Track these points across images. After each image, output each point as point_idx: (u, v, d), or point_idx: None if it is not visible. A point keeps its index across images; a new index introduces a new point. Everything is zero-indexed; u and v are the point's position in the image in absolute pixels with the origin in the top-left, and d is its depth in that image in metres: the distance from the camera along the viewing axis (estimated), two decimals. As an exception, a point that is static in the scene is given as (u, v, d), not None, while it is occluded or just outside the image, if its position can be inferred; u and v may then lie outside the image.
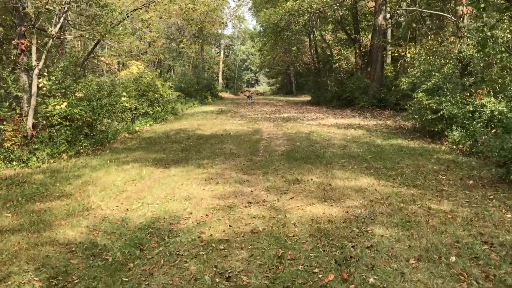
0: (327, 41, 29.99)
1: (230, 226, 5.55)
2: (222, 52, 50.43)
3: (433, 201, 6.40)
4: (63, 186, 8.43)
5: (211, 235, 5.28)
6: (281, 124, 17.14)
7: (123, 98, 18.91)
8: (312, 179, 7.97)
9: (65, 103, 13.44)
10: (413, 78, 13.31)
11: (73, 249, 5.20)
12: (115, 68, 31.51)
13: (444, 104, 11.54)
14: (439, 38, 14.29)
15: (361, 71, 23.89)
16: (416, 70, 13.24)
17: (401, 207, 6.08)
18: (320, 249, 4.69)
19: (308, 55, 32.91)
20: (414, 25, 21.28)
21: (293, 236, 5.12)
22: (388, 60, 25.19)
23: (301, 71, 37.28)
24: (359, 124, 16.68)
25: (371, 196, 6.72)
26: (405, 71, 20.30)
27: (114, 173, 9.35)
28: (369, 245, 4.70)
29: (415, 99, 12.44)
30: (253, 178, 8.31)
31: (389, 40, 24.23)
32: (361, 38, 23.84)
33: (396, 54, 23.41)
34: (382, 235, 5.00)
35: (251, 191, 7.33)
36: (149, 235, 5.48)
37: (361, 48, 23.82)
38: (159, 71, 29.66)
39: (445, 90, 11.89)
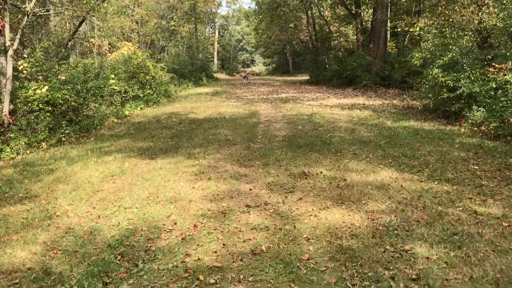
0: (325, 18, 28.29)
1: (223, 244, 4.19)
2: (217, 32, 48.52)
3: (475, 201, 5.06)
4: (31, 184, 7.06)
5: (198, 259, 3.92)
6: (280, 106, 15.72)
7: (111, 81, 17.45)
8: (321, 172, 6.61)
9: (46, 87, 11.99)
10: (426, 53, 11.84)
11: (17, 280, 3.86)
12: (105, 49, 29.91)
13: (462, 81, 10.14)
14: (456, 8, 12.77)
15: (363, 47, 22.36)
16: (430, 44, 11.75)
17: (439, 212, 4.74)
18: (348, 282, 3.36)
19: (306, 33, 31.25)
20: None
21: (308, 259, 3.77)
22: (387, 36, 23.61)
23: (299, 50, 35.58)
24: (364, 104, 15.28)
25: (397, 195, 5.37)
26: (414, 45, 18.78)
27: (93, 167, 7.97)
28: (414, 276, 3.36)
29: (430, 76, 11.01)
30: (252, 171, 6.94)
31: (390, 15, 22.60)
32: (362, 12, 22.25)
33: (399, 29, 21.88)
34: (428, 257, 3.67)
35: (250, 189, 5.98)
36: (119, 258, 4.13)
37: (362, 24, 22.23)
38: (150, 51, 28.05)
39: (464, 65, 10.46)
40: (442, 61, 10.92)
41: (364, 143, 8.69)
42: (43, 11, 14.60)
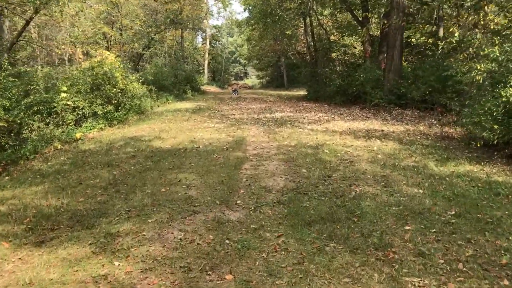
0: (325, 27, 24.62)
1: None
2: (207, 42, 44.77)
3: None
4: None
5: None
6: (274, 131, 11.88)
7: (62, 95, 13.57)
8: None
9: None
10: (492, 65, 8.01)
11: None
12: (78, 58, 25.99)
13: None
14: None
15: (371, 60, 18.65)
16: (494, 54, 7.90)
17: None
18: None
19: (303, 43, 27.56)
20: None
21: None
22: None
23: (295, 62, 31.75)
24: (382, 130, 11.48)
25: None
26: (444, 57, 15.06)
27: None
28: None
29: (502, 98, 7.20)
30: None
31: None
32: (371, 19, 18.61)
33: (413, 40, 18.25)
34: None
35: None
36: None
37: (370, 32, 18.58)
38: (127, 61, 24.17)
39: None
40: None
41: (420, 216, 4.86)
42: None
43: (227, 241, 4.24)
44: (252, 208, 5.33)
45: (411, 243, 4.08)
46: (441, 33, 17.40)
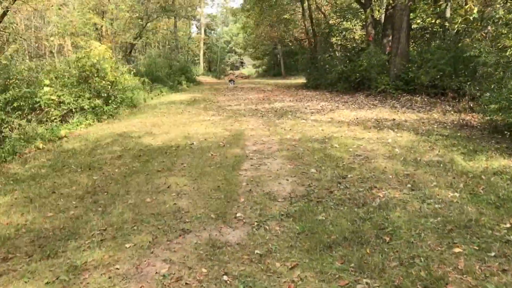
0: (323, 11, 23.37)
1: None
2: (202, 32, 43.35)
3: None
4: None
5: None
6: (275, 122, 10.81)
7: (45, 89, 12.44)
8: None
9: None
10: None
11: None
12: (68, 50, 24.86)
13: None
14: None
15: (374, 44, 17.50)
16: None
17: None
18: None
19: (301, 29, 26.33)
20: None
21: None
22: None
23: (293, 48, 30.46)
24: (394, 119, 10.42)
25: None
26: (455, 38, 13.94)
27: None
28: None
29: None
30: None
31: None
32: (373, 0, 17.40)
33: (419, 22, 17.11)
34: None
35: None
36: None
37: (373, 14, 17.40)
38: (119, 53, 22.94)
39: None
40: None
41: (467, 231, 3.83)
42: None
43: (225, 277, 3.19)
44: (255, 223, 4.27)
45: (470, 276, 3.04)
46: (448, 14, 16.27)
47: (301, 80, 26.07)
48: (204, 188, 5.52)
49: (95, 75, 14.50)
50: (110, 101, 14.60)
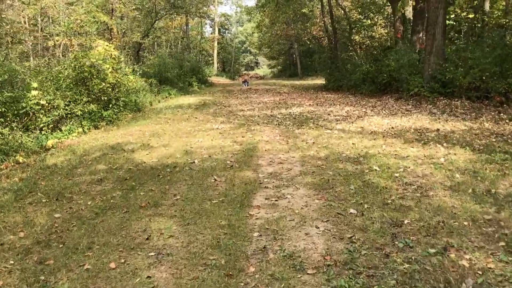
0: (343, 7, 21.42)
1: None
2: (216, 31, 41.66)
3: None
4: None
5: None
6: (294, 133, 9.01)
7: (33, 92, 10.87)
8: None
9: None
10: None
11: None
12: (74, 50, 23.31)
13: None
14: None
15: (403, 41, 15.54)
16: None
17: None
18: None
19: (319, 27, 24.41)
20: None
21: None
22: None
23: (311, 47, 28.47)
24: (437, 130, 8.53)
25: None
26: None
27: None
28: None
29: None
30: None
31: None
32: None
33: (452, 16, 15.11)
34: None
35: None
36: None
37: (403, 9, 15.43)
38: (127, 53, 21.31)
39: None
40: None
41: None
42: None
43: None
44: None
45: None
46: (487, 7, 14.26)
47: (320, 81, 24.17)
48: (198, 244, 3.76)
49: (94, 76, 12.92)
50: (110, 105, 13.01)
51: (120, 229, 4.26)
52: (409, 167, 5.87)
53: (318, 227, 4.00)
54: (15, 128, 9.79)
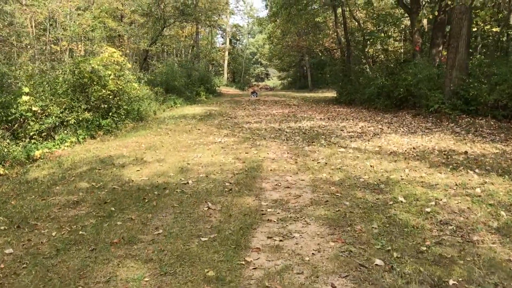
0: (357, 19, 20.48)
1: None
2: (227, 41, 40.97)
3: None
4: None
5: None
6: (304, 151, 7.99)
7: (24, 97, 10.02)
8: None
9: None
10: None
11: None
12: (80, 55, 22.60)
13: None
14: None
15: (421, 54, 14.52)
16: None
17: None
18: None
19: (331, 38, 23.47)
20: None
21: None
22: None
23: (323, 59, 27.51)
24: (465, 152, 7.45)
25: None
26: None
27: None
28: None
29: None
30: None
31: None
32: (422, 4, 14.46)
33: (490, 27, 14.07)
34: None
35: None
36: None
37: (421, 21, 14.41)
38: (134, 61, 20.55)
39: None
40: None
41: None
42: None
43: None
44: None
45: None
46: (512, 20, 13.22)
47: (330, 93, 23.18)
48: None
49: (95, 82, 12.07)
50: (110, 114, 12.13)
51: (79, 276, 3.27)
52: (441, 199, 4.83)
53: (335, 287, 2.98)
54: (2, 136, 8.94)
